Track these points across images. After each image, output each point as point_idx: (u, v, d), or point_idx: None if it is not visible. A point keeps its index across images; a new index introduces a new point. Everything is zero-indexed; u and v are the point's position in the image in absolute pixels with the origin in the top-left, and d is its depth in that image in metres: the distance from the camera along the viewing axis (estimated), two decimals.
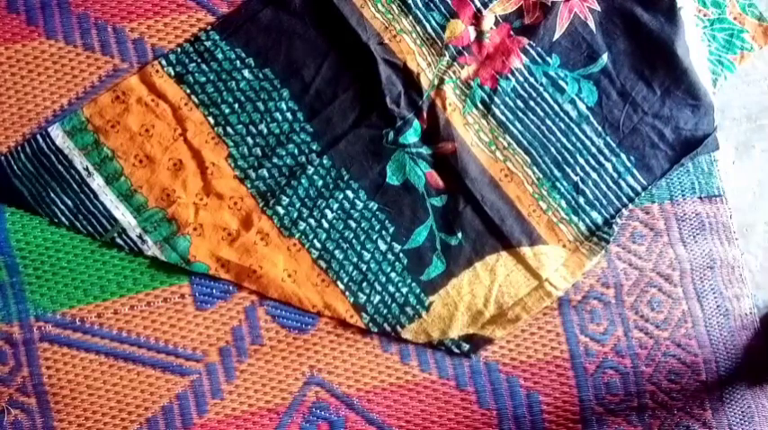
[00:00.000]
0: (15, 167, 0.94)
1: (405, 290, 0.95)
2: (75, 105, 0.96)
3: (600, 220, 0.97)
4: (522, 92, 0.98)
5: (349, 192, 0.96)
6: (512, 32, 0.99)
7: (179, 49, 0.97)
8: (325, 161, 0.96)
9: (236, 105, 0.97)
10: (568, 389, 0.95)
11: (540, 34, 0.98)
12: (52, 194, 0.94)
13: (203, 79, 0.97)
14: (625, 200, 0.97)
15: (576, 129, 0.98)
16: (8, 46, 0.96)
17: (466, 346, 0.95)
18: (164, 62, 0.96)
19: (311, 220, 0.95)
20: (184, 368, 0.94)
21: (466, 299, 0.95)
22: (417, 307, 0.95)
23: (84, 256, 0.94)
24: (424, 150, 0.97)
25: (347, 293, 0.95)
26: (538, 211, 0.97)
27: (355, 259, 0.95)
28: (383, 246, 0.95)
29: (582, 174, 0.97)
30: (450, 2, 0.99)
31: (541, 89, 0.98)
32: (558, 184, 0.97)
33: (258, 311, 0.94)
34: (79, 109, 0.96)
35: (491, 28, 0.99)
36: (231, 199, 0.95)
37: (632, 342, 0.96)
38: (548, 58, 0.99)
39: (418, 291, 0.95)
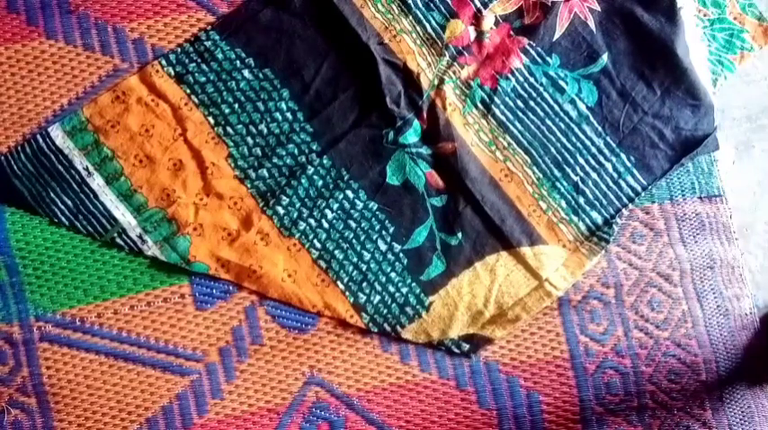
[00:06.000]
0: (15, 167, 0.94)
1: (405, 290, 0.95)
2: (75, 105, 0.96)
3: (600, 220, 0.97)
4: (522, 92, 0.98)
5: (349, 192, 0.96)
6: (512, 32, 0.99)
7: (179, 49, 0.97)
8: (325, 161, 0.96)
9: (236, 105, 0.97)
10: (568, 389, 0.95)
11: (540, 34, 0.98)
12: (52, 194, 0.94)
13: (203, 79, 0.97)
14: (625, 200, 0.97)
15: (576, 129, 0.98)
16: (8, 46, 0.96)
17: (466, 346, 0.95)
18: (164, 62, 0.96)
19: (311, 220, 0.95)
20: (184, 368, 0.94)
21: (466, 299, 0.95)
22: (417, 307, 0.95)
23: (84, 256, 0.94)
24: (424, 150, 0.97)
25: (347, 293, 0.95)
26: (538, 211, 0.97)
27: (355, 259, 0.95)
28: (383, 246, 0.95)
29: (582, 174, 0.97)
30: (450, 2, 0.99)
31: (541, 89, 0.98)
32: (558, 184, 0.97)
33: (258, 311, 0.94)
34: (79, 109, 0.96)
35: (491, 28, 0.99)
36: (231, 199, 0.95)
37: (632, 342, 0.96)
38: (548, 58, 0.99)
39: (418, 291, 0.95)
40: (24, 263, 0.93)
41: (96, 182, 0.94)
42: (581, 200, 0.97)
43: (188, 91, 0.96)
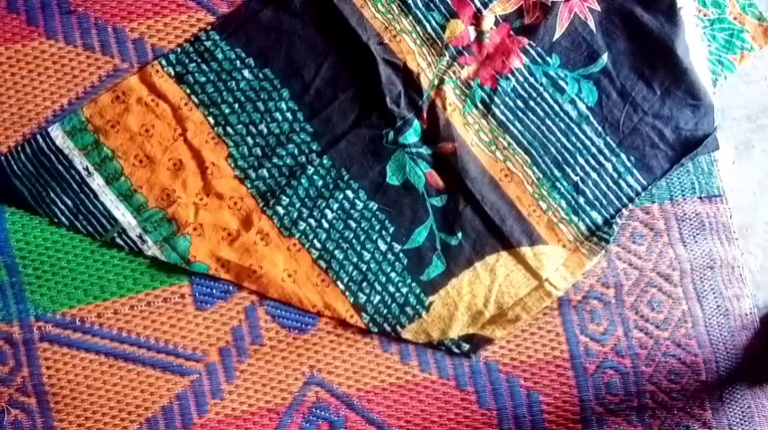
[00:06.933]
0: (15, 167, 0.94)
1: (405, 290, 0.95)
2: (75, 105, 0.96)
3: (600, 220, 0.97)
4: (522, 92, 0.98)
5: (349, 192, 0.96)
6: (512, 32, 0.99)
7: (179, 49, 0.97)
8: (325, 161, 0.96)
9: (236, 105, 0.97)
10: (568, 389, 0.95)
11: (540, 34, 0.98)
12: (52, 194, 0.94)
13: (203, 79, 0.97)
14: (625, 200, 0.97)
15: (576, 129, 0.98)
16: (8, 46, 0.96)
17: (466, 346, 0.95)
18: (164, 62, 0.96)
19: (311, 220, 0.95)
20: (184, 368, 0.94)
21: (466, 299, 0.95)
22: (417, 307, 0.95)
23: (84, 256, 0.94)
24: (424, 150, 0.97)
25: (347, 293, 0.95)
26: (538, 211, 0.97)
27: (355, 259, 0.95)
28: (383, 246, 0.95)
29: (582, 174, 0.97)
30: (450, 2, 0.99)
31: (541, 89, 0.98)
32: (558, 184, 0.97)
33: (258, 311, 0.94)
34: (79, 109, 0.96)
35: (491, 28, 0.99)
36: (231, 199, 0.95)
37: (632, 342, 0.96)
38: (548, 58, 0.99)
39: (418, 291, 0.95)
40: (24, 263, 0.93)
41: (96, 182, 0.94)
42: (581, 200, 0.97)
43: (188, 91, 0.96)
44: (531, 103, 0.98)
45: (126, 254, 0.94)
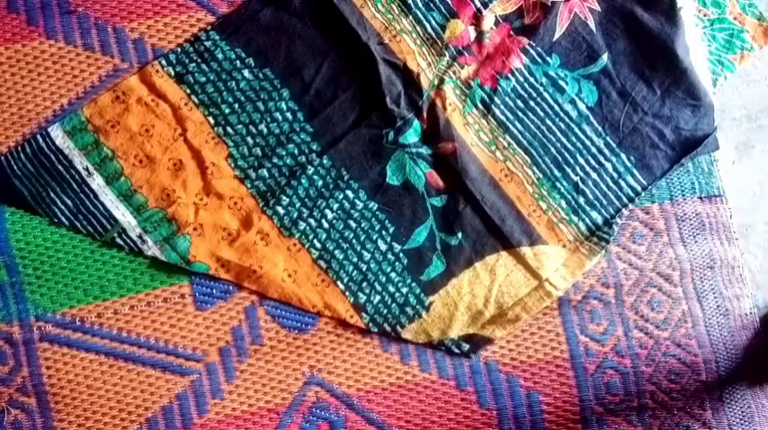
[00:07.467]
0: (15, 167, 0.94)
1: (405, 290, 0.95)
2: (75, 105, 0.96)
3: (600, 220, 0.97)
4: (522, 92, 0.98)
5: (349, 192, 0.96)
6: (512, 32, 0.99)
7: (179, 49, 0.97)
8: (325, 161, 0.96)
9: (236, 105, 0.97)
10: (568, 389, 0.95)
11: (540, 34, 0.98)
12: (52, 194, 0.94)
13: (203, 79, 0.97)
14: (625, 200, 0.97)
15: (576, 129, 0.98)
16: (8, 46, 0.96)
17: (466, 346, 0.95)
18: (164, 62, 0.96)
19: (311, 220, 0.95)
20: (184, 368, 0.94)
21: (466, 299, 0.95)
22: (417, 307, 0.95)
23: (84, 256, 0.94)
24: (424, 150, 0.97)
25: (347, 293, 0.95)
26: (538, 211, 0.97)
27: (355, 259, 0.95)
28: (383, 246, 0.95)
29: (582, 174, 0.97)
30: (450, 2, 0.99)
31: (541, 89, 0.98)
32: (558, 184, 0.97)
33: (258, 311, 0.94)
34: (79, 109, 0.96)
35: (491, 28, 0.99)
36: (231, 199, 0.95)
37: (632, 342, 0.96)
38: (548, 58, 0.99)
39: (418, 291, 0.95)
40: (24, 263, 0.93)
41: (96, 182, 0.94)
42: (581, 200, 0.97)
43: (188, 91, 0.96)
44: (531, 103, 0.98)
45: (126, 254, 0.94)
